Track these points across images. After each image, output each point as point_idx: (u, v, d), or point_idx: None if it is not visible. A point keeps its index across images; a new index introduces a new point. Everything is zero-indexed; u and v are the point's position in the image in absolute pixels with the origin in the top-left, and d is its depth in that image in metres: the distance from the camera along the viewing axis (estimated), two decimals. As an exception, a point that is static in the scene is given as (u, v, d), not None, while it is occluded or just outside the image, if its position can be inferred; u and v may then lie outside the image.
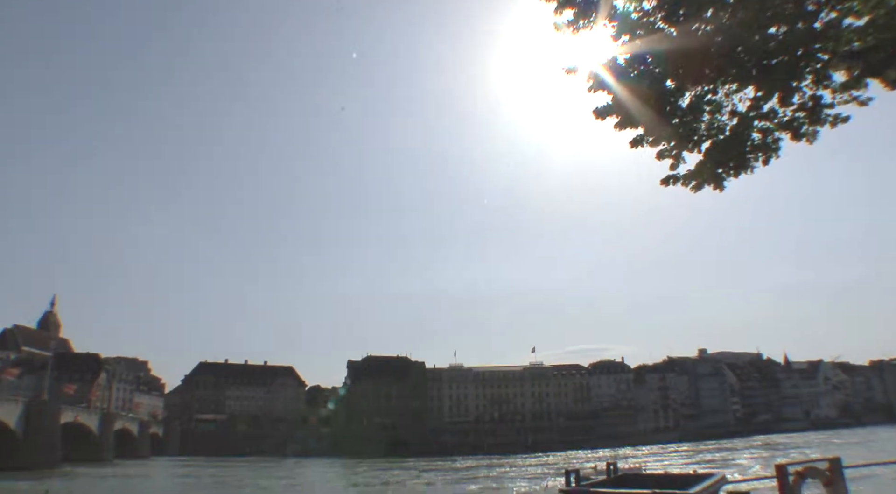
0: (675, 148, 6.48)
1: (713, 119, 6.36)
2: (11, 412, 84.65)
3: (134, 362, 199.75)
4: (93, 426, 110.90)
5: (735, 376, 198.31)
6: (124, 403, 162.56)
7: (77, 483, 74.30)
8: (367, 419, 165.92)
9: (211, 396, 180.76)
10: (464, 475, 79.50)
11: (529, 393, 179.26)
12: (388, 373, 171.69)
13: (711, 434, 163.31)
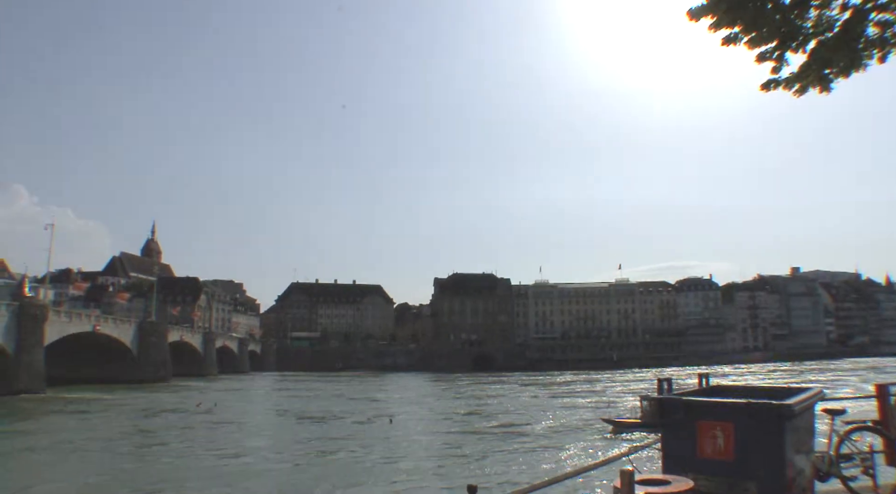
0: (778, 49, 5.85)
1: (821, 14, 5.69)
2: (127, 333, 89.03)
3: (230, 284, 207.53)
4: (196, 344, 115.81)
5: (830, 296, 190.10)
6: (223, 323, 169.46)
7: (197, 390, 78.31)
8: (453, 335, 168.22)
9: (303, 314, 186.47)
10: (565, 389, 79.34)
11: (615, 310, 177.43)
12: (474, 290, 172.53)
13: (803, 355, 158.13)
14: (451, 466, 27.36)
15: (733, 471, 4.34)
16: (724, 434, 4.42)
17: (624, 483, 2.94)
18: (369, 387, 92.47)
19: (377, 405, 60.49)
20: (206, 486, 23.77)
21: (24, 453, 32.89)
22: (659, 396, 5.49)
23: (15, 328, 64.89)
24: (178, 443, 36.06)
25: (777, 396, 5.02)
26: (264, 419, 50.06)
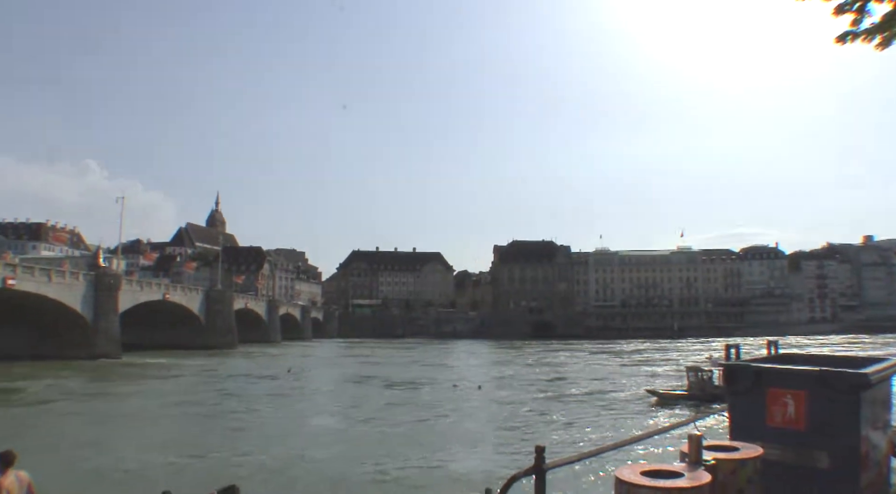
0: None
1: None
2: (194, 301, 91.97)
3: (292, 253, 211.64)
4: (261, 311, 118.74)
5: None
6: (286, 290, 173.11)
7: (267, 356, 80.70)
8: (513, 303, 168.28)
9: (364, 282, 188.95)
10: (635, 358, 78.78)
11: (677, 278, 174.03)
12: (533, 257, 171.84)
13: (875, 328, 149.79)
14: (537, 431, 27.93)
15: (804, 441, 4.20)
16: (795, 403, 4.29)
17: (692, 448, 2.89)
18: (438, 354, 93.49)
19: (455, 372, 61.48)
20: (301, 446, 24.70)
21: (128, 413, 34.70)
22: (727, 362, 5.09)
23: (92, 296, 67.69)
24: (264, 406, 37.54)
25: (852, 365, 4.83)
26: (347, 383, 51.15)
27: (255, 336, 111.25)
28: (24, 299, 60.87)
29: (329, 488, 19.04)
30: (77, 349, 64.92)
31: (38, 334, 66.55)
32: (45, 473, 20.25)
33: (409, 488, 19.21)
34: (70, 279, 66.34)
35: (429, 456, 23.12)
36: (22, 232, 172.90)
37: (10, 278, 57.37)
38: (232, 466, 21.19)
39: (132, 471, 20.89)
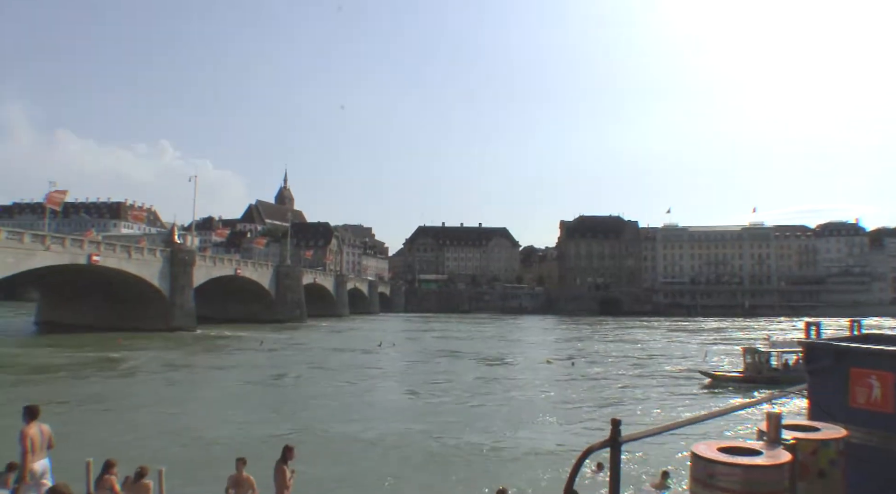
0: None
1: None
2: (265, 276, 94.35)
3: (359, 228, 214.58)
4: (329, 286, 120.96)
5: None
6: (353, 266, 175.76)
7: (338, 329, 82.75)
8: (579, 279, 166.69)
9: (430, 257, 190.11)
10: (716, 336, 77.18)
11: (748, 255, 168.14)
12: (600, 233, 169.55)
13: None
14: (628, 407, 28.31)
15: (890, 424, 3.98)
16: (882, 385, 4.10)
17: (771, 426, 2.80)
18: (512, 329, 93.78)
19: (538, 347, 61.75)
20: (398, 418, 25.57)
21: (217, 382, 36.28)
22: (808, 340, 4.89)
23: (168, 272, 70.22)
24: (361, 379, 38.62)
25: None
26: (438, 358, 51.77)
27: (323, 311, 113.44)
28: (107, 275, 63.67)
29: (425, 458, 19.48)
30: (155, 322, 67.76)
31: (120, 307, 69.78)
32: (137, 433, 21.65)
33: (500, 460, 19.52)
34: (148, 256, 69.00)
35: (526, 431, 23.58)
36: (103, 211, 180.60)
37: (94, 254, 60.03)
38: (321, 435, 21.91)
39: (212, 435, 21.83)
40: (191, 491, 13.43)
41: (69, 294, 71.34)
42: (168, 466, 14.94)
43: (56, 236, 59.91)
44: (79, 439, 19.61)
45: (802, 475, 2.72)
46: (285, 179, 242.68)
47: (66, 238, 60.68)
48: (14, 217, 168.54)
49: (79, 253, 58.95)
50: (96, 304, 70.72)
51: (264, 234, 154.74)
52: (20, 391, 29.86)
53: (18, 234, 54.92)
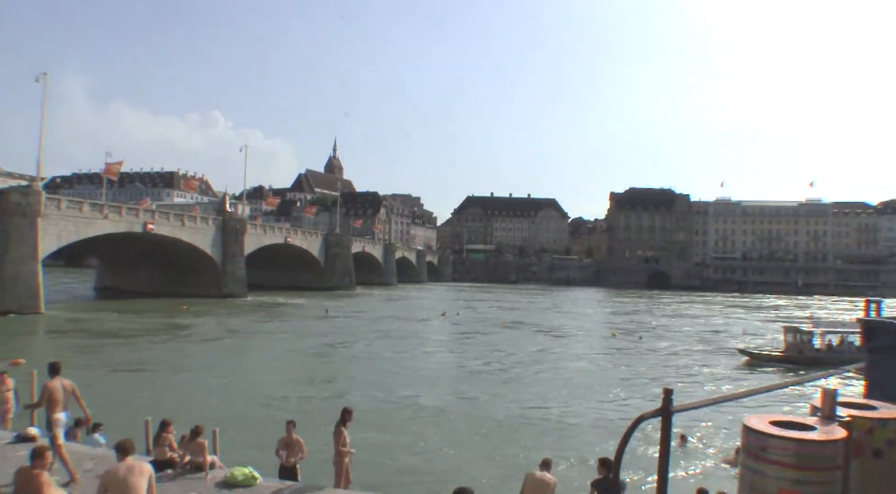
0: None
1: None
2: (314, 244, 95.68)
3: (408, 198, 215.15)
4: (378, 255, 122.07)
5: None
6: (402, 235, 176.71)
7: (389, 297, 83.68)
8: (628, 251, 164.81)
9: (478, 227, 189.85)
10: (775, 314, 75.67)
11: (804, 231, 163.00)
12: (651, 205, 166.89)
13: None
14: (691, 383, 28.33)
15: None
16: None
17: (826, 402, 2.74)
18: (565, 301, 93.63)
19: (595, 319, 61.86)
20: (463, 387, 26.06)
21: (276, 347, 37.05)
22: (867, 318, 4.76)
23: (220, 239, 71.67)
24: (415, 344, 39.24)
25: None
26: (501, 329, 51.98)
27: (371, 279, 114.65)
28: (161, 242, 65.31)
29: (488, 427, 19.72)
30: (208, 288, 69.50)
31: (174, 274, 71.76)
32: (197, 394, 22.50)
33: (558, 429, 19.82)
34: (200, 224, 70.47)
35: (586, 401, 23.99)
36: (157, 180, 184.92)
37: (149, 223, 61.63)
38: (384, 402, 22.37)
39: (269, 398, 22.44)
40: (243, 451, 13.81)
41: (126, 261, 73.56)
42: (224, 426, 15.50)
43: (113, 205, 61.56)
44: (146, 399, 20.44)
45: (857, 453, 2.66)
46: (334, 148, 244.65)
47: (123, 207, 62.37)
48: (73, 187, 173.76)
49: (135, 221, 60.58)
50: (151, 271, 72.83)
51: (314, 203, 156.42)
52: (101, 356, 31.15)
53: (78, 203, 56.71)
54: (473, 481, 13.69)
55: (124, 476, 6.68)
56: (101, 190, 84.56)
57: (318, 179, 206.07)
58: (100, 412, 14.93)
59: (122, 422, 14.07)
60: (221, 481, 9.60)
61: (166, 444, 10.33)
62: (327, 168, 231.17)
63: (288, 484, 9.89)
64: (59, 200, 54.99)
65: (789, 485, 2.31)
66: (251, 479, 9.61)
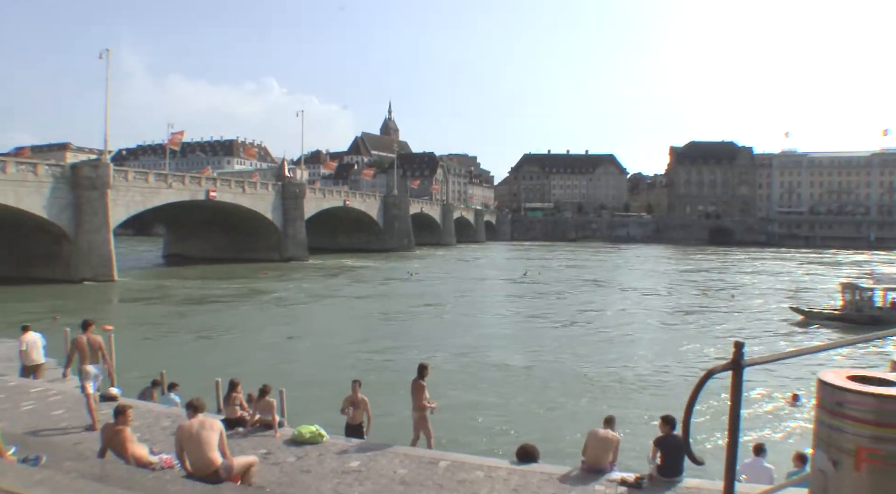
0: None
1: None
2: (373, 206, 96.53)
3: (464, 157, 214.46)
4: (435, 215, 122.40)
5: None
6: (459, 195, 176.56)
7: (460, 257, 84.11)
8: (689, 207, 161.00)
9: (536, 186, 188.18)
10: (858, 270, 72.75)
11: (876, 183, 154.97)
12: (712, 159, 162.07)
13: None
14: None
15: None
16: None
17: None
18: (632, 258, 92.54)
19: (671, 278, 60.84)
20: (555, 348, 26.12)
21: (357, 309, 38.02)
22: None
23: (280, 204, 72.88)
24: (498, 304, 39.58)
25: None
26: (582, 287, 52.15)
27: (430, 240, 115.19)
28: (224, 209, 66.85)
29: (582, 385, 19.81)
30: (269, 252, 71.16)
31: (237, 239, 73.59)
32: (272, 354, 23.21)
33: (643, 387, 19.83)
34: (261, 190, 71.74)
35: (678, 359, 23.97)
36: (217, 149, 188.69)
37: (212, 190, 63.09)
38: (468, 362, 22.68)
39: (345, 359, 22.98)
40: (309, 408, 14.20)
41: (191, 229, 75.65)
42: (295, 387, 15.98)
43: (176, 175, 63.16)
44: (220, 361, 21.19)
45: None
46: (389, 110, 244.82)
47: (186, 176, 63.94)
48: (139, 159, 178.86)
49: (197, 189, 62.07)
50: (215, 237, 74.78)
51: (371, 165, 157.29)
52: (173, 320, 32.45)
53: (144, 174, 58.60)
54: (550, 436, 13.85)
55: (196, 431, 6.98)
56: (164, 160, 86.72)
57: (375, 142, 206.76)
58: (175, 373, 15.60)
59: (196, 383, 14.59)
60: (290, 438, 9.89)
61: (236, 403, 10.68)
62: (383, 130, 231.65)
63: (354, 442, 10.12)
64: (126, 171, 56.81)
65: (868, 442, 2.22)
66: (318, 436, 9.86)
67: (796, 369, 19.61)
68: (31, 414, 11.07)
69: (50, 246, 48.48)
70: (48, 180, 47.34)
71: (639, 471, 8.77)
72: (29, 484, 3.76)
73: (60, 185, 48.06)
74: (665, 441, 8.46)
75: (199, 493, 4.67)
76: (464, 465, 8.99)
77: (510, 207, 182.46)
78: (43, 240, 48.47)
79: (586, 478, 8.55)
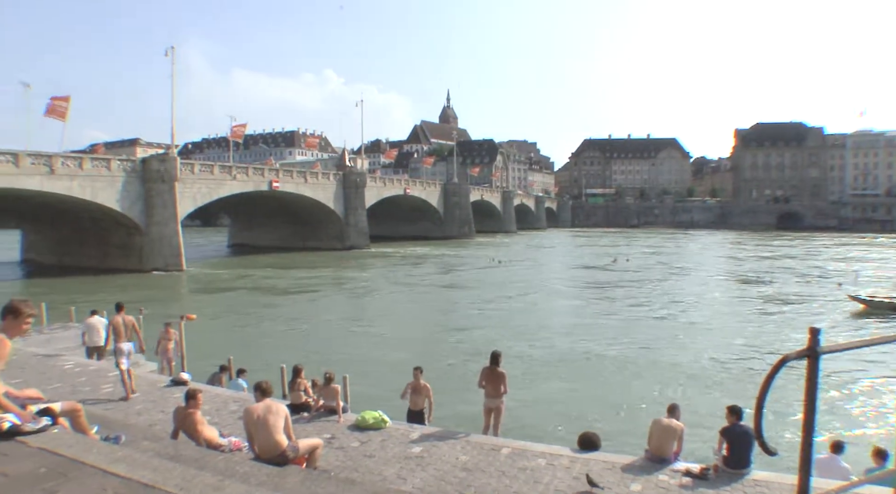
0: None
1: None
2: (433, 194, 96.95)
3: (524, 144, 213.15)
4: (496, 202, 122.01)
5: None
6: (519, 181, 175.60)
7: (509, 243, 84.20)
8: (755, 191, 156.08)
9: (597, 171, 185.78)
10: None
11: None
12: (780, 141, 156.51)
13: None
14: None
15: None
16: None
17: None
18: (709, 243, 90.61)
19: (761, 264, 59.25)
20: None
21: (449, 297, 38.15)
22: None
23: (341, 194, 73.80)
24: (599, 294, 39.35)
25: None
26: (664, 273, 51.55)
27: (490, 227, 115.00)
28: (286, 199, 68.11)
29: (676, 375, 19.48)
30: (331, 241, 72.33)
31: (300, 228, 75.05)
32: (338, 341, 23.68)
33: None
34: (322, 180, 72.77)
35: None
36: (279, 140, 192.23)
37: (275, 181, 64.29)
38: (558, 352, 22.47)
39: (422, 345, 23.38)
40: (371, 392, 14.42)
41: (255, 219, 77.38)
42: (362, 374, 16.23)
43: (240, 166, 64.54)
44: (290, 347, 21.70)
45: None
46: (448, 98, 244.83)
47: (249, 167, 65.33)
48: (203, 151, 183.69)
49: (261, 180, 63.34)
50: (278, 226, 76.36)
51: (430, 153, 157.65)
52: (241, 307, 33.22)
53: (209, 166, 60.14)
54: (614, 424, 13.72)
55: (263, 414, 7.17)
56: (228, 153, 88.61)
57: (434, 130, 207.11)
58: (241, 359, 16.03)
59: (262, 369, 14.94)
60: (353, 424, 10.05)
61: (301, 389, 10.92)
62: (442, 118, 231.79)
63: (416, 428, 10.22)
64: (193, 164, 58.38)
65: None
66: (381, 422, 10.00)
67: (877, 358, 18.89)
68: (111, 394, 11.90)
69: (123, 237, 50.35)
70: (120, 175, 49.06)
71: (704, 462, 8.59)
72: (111, 461, 4.03)
73: (131, 179, 49.78)
74: (732, 432, 8.27)
75: (267, 475, 4.80)
76: (525, 452, 8.99)
77: (570, 193, 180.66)
78: (118, 232, 50.43)
79: (650, 468, 8.44)
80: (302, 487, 4.97)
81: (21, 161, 42.60)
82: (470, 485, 7.81)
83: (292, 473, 5.56)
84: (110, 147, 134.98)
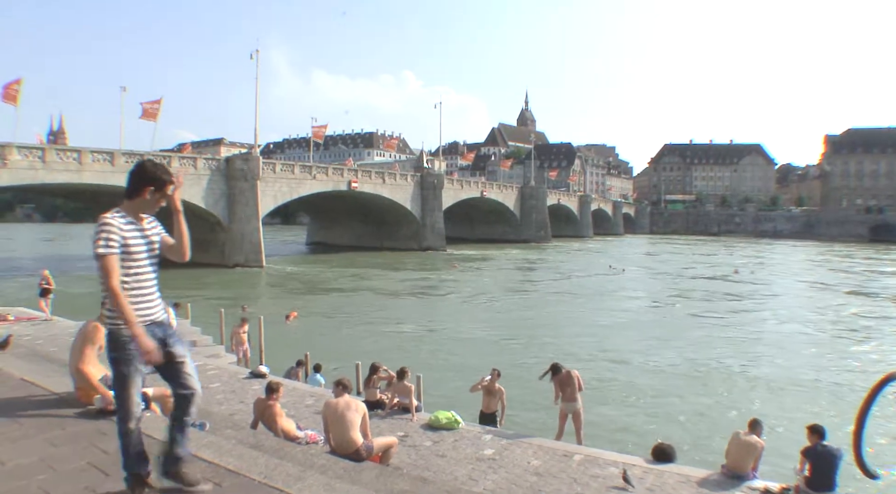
0: None
1: None
2: (510, 197, 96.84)
3: (602, 148, 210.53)
4: (573, 206, 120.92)
5: None
6: (597, 186, 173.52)
7: (581, 248, 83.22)
8: (846, 200, 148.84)
9: (677, 177, 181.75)
10: None
11: None
12: (874, 147, 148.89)
13: None
14: None
15: None
16: None
17: None
18: (810, 252, 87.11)
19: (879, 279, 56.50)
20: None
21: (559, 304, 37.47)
22: None
23: (419, 195, 74.53)
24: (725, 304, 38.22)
25: None
26: (790, 284, 50.27)
27: (566, 231, 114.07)
28: (364, 199, 69.31)
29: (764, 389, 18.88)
30: (408, 242, 73.16)
31: (376, 228, 76.30)
32: (416, 341, 24.04)
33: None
34: (400, 181, 73.66)
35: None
36: (358, 141, 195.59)
37: (353, 181, 65.54)
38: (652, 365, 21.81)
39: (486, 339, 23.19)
40: (445, 393, 14.52)
41: (333, 218, 79.02)
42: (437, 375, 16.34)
43: (320, 166, 66.01)
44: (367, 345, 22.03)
45: None
46: (526, 100, 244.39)
47: (329, 167, 66.74)
48: (284, 151, 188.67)
49: (340, 180, 64.62)
50: (356, 226, 77.73)
51: (508, 156, 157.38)
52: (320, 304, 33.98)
53: (290, 166, 61.90)
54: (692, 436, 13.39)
55: (341, 410, 7.36)
56: (308, 153, 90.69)
57: (511, 133, 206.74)
58: (318, 355, 16.38)
59: (337, 365, 15.27)
60: (426, 423, 10.14)
61: (376, 386, 11.09)
62: (519, 121, 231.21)
63: (488, 429, 10.24)
64: (274, 164, 60.10)
65: None
66: (454, 422, 10.06)
67: None
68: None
69: (207, 233, 52.15)
70: (206, 173, 51.00)
71: (785, 481, 8.32)
72: (199, 447, 4.29)
73: (216, 177, 51.66)
74: (815, 452, 7.97)
75: (343, 469, 4.93)
76: (598, 460, 8.89)
77: (649, 199, 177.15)
78: (202, 228, 52.34)
79: (725, 484, 8.21)
80: (377, 482, 5.08)
81: (116, 160, 44.80)
82: (541, 490, 7.77)
83: (368, 468, 5.69)
84: (196, 147, 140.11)
